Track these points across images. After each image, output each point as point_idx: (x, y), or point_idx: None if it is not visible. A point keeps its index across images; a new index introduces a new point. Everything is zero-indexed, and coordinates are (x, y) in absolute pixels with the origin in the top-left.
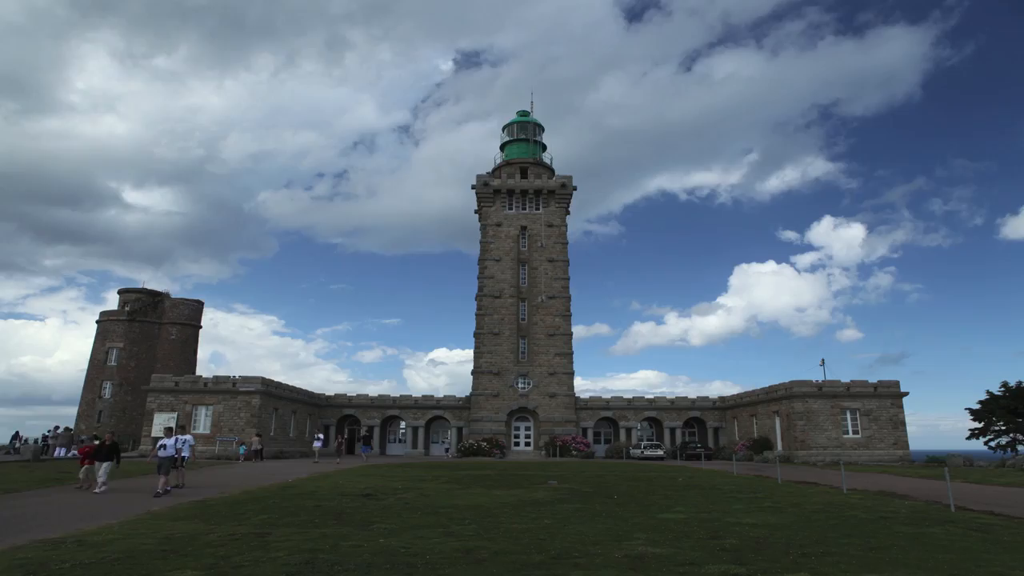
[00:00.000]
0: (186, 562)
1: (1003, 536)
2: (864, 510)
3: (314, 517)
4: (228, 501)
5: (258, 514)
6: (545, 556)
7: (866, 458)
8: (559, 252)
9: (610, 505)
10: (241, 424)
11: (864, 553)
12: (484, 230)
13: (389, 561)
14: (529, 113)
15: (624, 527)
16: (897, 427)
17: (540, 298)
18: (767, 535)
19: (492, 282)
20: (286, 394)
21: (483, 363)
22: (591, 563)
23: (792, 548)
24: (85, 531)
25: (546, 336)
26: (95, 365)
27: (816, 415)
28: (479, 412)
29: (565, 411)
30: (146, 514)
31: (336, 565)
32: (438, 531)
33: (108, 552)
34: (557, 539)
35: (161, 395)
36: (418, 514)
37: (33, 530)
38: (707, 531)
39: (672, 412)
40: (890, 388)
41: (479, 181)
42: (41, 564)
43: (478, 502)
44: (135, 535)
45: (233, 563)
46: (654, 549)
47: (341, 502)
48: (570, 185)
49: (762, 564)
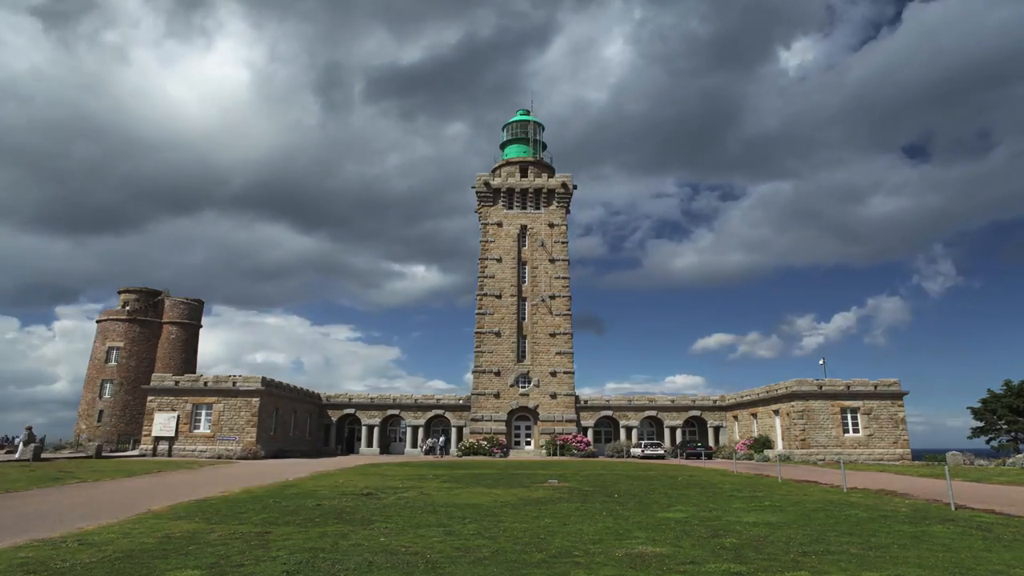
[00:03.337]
0: (187, 561)
1: (1004, 534)
2: (864, 509)
3: (314, 516)
4: (228, 500)
5: (258, 513)
6: (545, 555)
7: (866, 457)
8: (560, 251)
9: (610, 504)
10: (242, 423)
11: (864, 552)
12: (484, 229)
13: (390, 560)
14: (529, 112)
15: (624, 526)
16: (897, 426)
17: (541, 297)
18: (767, 534)
19: (493, 281)
20: (286, 393)
21: (484, 362)
22: (591, 562)
23: (792, 547)
24: (85, 530)
25: (547, 335)
26: (95, 364)
27: (816, 414)
28: (480, 411)
29: (566, 410)
30: (146, 513)
31: (337, 564)
32: (438, 530)
33: (108, 551)
34: (557, 538)
35: (161, 394)
36: (418, 513)
37: (33, 529)
38: (707, 530)
39: (672, 411)
40: (890, 387)
41: (479, 181)
42: (42, 563)
43: (478, 501)
44: (135, 534)
45: (234, 562)
46: (654, 548)
47: (341, 501)
48: (570, 184)
49: (762, 563)
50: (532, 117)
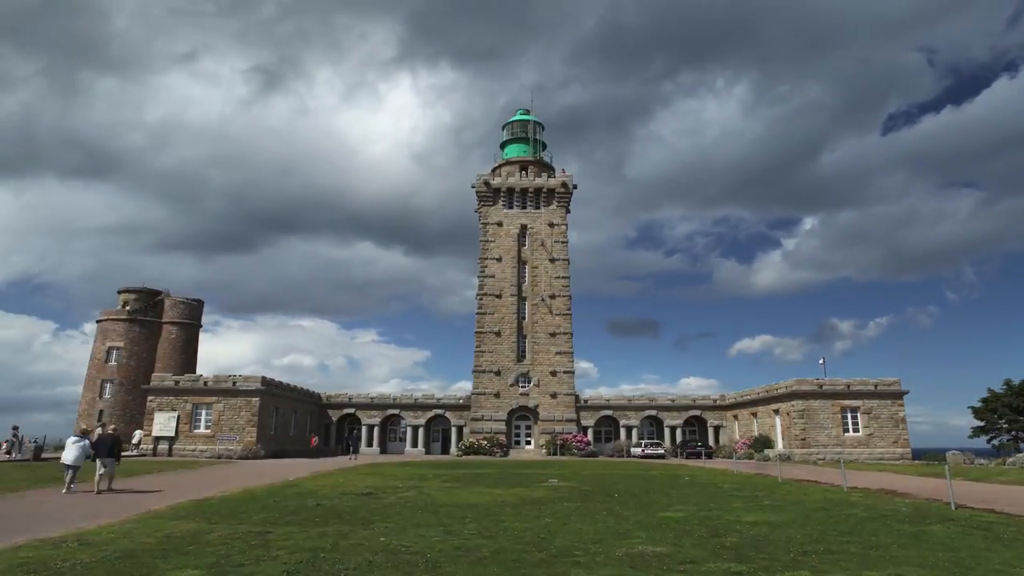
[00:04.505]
0: (187, 561)
1: (1004, 534)
2: (865, 508)
3: (315, 516)
4: (229, 500)
5: (259, 513)
6: (546, 555)
7: (867, 456)
8: (560, 251)
9: (611, 504)
10: (242, 423)
11: (864, 551)
12: (484, 229)
13: (390, 560)
14: (529, 112)
15: (625, 525)
16: (898, 425)
17: (541, 297)
18: (767, 533)
19: (493, 281)
20: (287, 393)
21: (484, 362)
22: (592, 561)
23: (793, 546)
24: (85, 530)
25: (547, 335)
26: (95, 364)
27: (817, 413)
28: (480, 411)
29: (566, 410)
30: (147, 513)
31: (337, 564)
32: (439, 530)
33: (109, 551)
34: (558, 538)
35: (161, 394)
36: (419, 513)
37: (34, 529)
38: (708, 529)
39: (673, 410)
40: (891, 387)
41: (479, 180)
42: (42, 563)
43: (479, 501)
44: (136, 534)
45: (234, 562)
46: (655, 547)
47: (342, 501)
48: (571, 184)
49: (763, 562)
50: (532, 116)
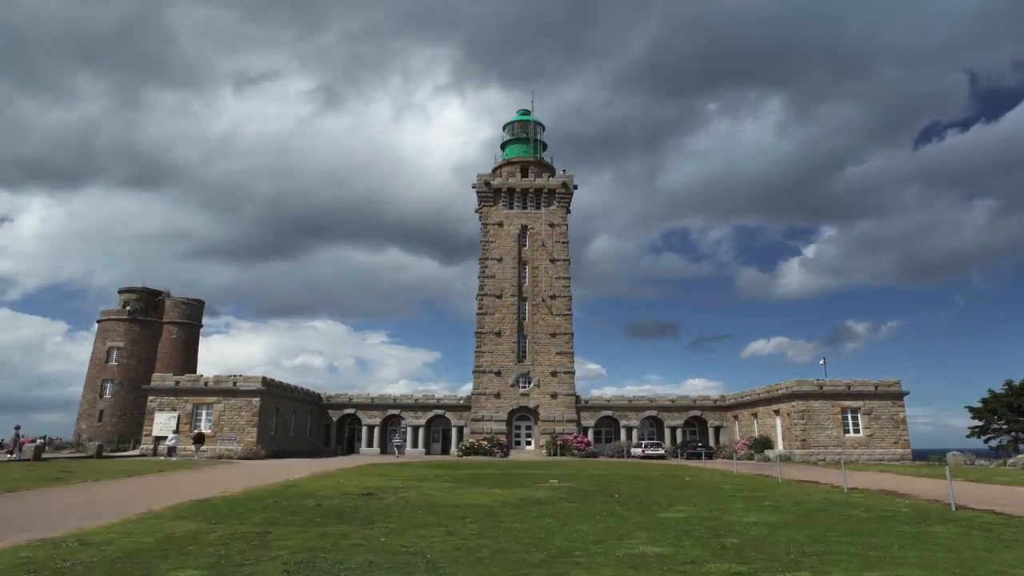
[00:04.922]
0: (187, 561)
1: (1005, 535)
2: (865, 509)
3: (315, 516)
4: (229, 500)
5: (259, 513)
6: (546, 555)
7: (867, 457)
8: (560, 251)
9: (611, 504)
10: (242, 423)
11: (865, 552)
12: (485, 229)
13: (390, 560)
14: (530, 112)
15: (625, 526)
16: (898, 426)
17: (541, 298)
18: (768, 534)
19: (493, 281)
20: (287, 393)
21: (484, 362)
22: (592, 562)
23: (793, 547)
24: (86, 530)
25: (547, 335)
26: (96, 364)
27: (817, 414)
28: (480, 411)
29: (566, 410)
30: (147, 513)
31: (337, 564)
32: (439, 530)
33: (109, 551)
34: (558, 538)
35: (162, 394)
36: (419, 513)
37: (34, 529)
38: (708, 530)
39: (673, 411)
40: (891, 387)
41: (479, 180)
42: (42, 563)
43: (479, 501)
44: (136, 534)
45: (234, 562)
46: (655, 548)
47: (342, 501)
48: (571, 184)
49: (763, 563)
50: (532, 117)
